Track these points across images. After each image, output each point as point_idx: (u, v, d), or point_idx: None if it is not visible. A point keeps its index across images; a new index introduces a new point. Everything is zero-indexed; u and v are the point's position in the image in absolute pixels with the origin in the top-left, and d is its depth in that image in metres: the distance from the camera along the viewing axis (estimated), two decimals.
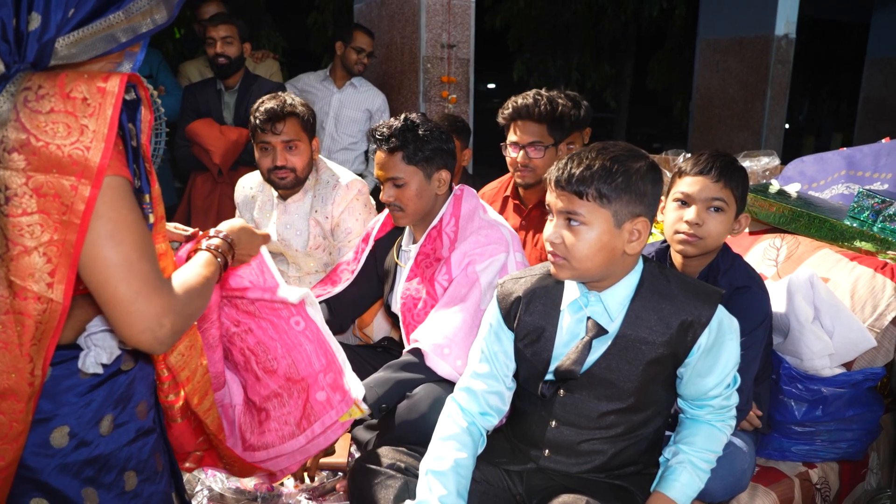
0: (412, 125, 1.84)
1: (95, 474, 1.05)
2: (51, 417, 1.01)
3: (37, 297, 0.91)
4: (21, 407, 0.95)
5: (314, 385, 1.44)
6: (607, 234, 1.26)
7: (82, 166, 0.87)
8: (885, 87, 7.16)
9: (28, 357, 0.93)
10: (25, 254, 0.89)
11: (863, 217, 2.07)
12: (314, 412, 1.44)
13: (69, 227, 0.89)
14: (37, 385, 0.95)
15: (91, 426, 1.04)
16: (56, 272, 0.90)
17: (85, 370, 1.03)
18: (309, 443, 1.44)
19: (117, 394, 1.08)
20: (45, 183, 0.87)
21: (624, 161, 1.26)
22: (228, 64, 3.06)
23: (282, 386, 1.44)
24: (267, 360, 1.44)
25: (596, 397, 1.36)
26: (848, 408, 1.79)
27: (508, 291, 1.43)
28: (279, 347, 1.44)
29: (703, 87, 5.82)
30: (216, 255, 1.19)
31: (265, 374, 1.44)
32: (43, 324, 0.92)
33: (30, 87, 0.88)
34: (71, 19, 0.89)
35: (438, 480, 1.33)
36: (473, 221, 1.89)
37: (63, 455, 1.02)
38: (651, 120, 13.46)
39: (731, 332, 1.35)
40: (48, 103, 0.87)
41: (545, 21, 8.99)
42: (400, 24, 3.88)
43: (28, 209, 0.88)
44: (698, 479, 1.37)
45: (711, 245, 1.62)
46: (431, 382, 1.69)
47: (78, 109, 0.87)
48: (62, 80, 0.88)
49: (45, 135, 0.87)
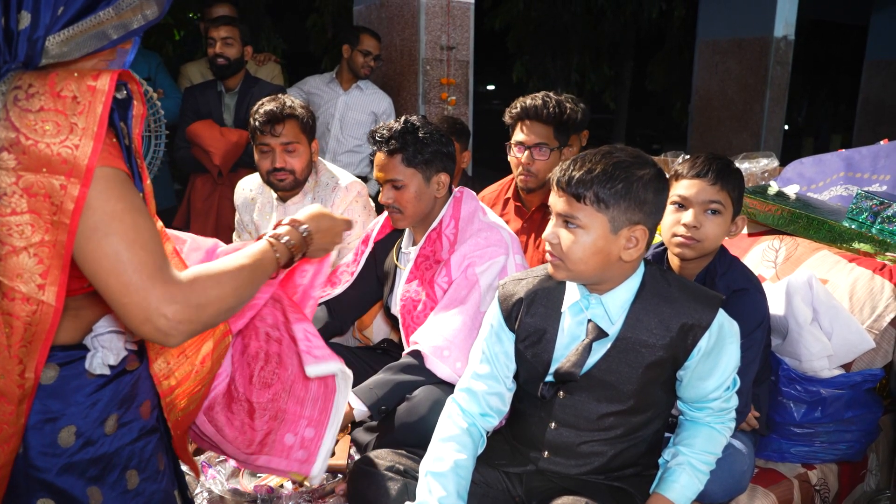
0: (412, 128, 1.85)
1: (99, 473, 1.05)
2: (59, 417, 1.01)
3: (25, 299, 0.90)
4: (11, 409, 0.94)
5: (290, 425, 1.38)
6: (602, 239, 1.26)
7: (71, 165, 0.87)
8: (884, 88, 7.17)
9: (17, 359, 0.92)
10: (14, 254, 0.88)
11: (861, 218, 2.07)
12: (272, 448, 1.37)
13: (60, 227, 0.88)
14: (28, 388, 0.94)
15: (97, 425, 1.04)
16: (48, 274, 0.90)
17: (92, 371, 1.03)
18: (244, 461, 1.40)
19: (122, 394, 1.08)
20: (35, 182, 0.87)
21: (627, 167, 1.25)
22: (227, 65, 3.07)
23: (263, 403, 1.38)
24: (271, 373, 1.39)
25: (595, 399, 1.36)
26: (847, 409, 1.80)
27: (510, 293, 1.44)
28: (289, 372, 1.39)
29: (702, 88, 5.83)
30: (275, 244, 1.14)
31: (259, 384, 1.40)
32: (33, 326, 0.91)
33: (20, 85, 0.87)
34: (61, 17, 0.88)
35: (438, 482, 1.34)
36: (473, 224, 1.90)
37: (70, 454, 1.02)
38: (650, 121, 13.49)
39: (732, 335, 1.35)
40: (38, 101, 0.86)
41: (544, 23, 9.01)
42: (399, 27, 3.88)
43: (18, 209, 0.87)
44: (697, 480, 1.37)
45: (709, 247, 1.62)
46: (431, 384, 1.69)
47: (68, 108, 0.87)
48: (52, 79, 0.87)
49: (34, 133, 0.86)
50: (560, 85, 9.19)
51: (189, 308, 0.94)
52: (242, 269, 1.05)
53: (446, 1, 3.76)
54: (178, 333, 0.93)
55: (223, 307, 1.00)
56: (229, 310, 1.02)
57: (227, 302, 1.01)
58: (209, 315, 0.97)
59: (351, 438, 1.80)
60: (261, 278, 1.10)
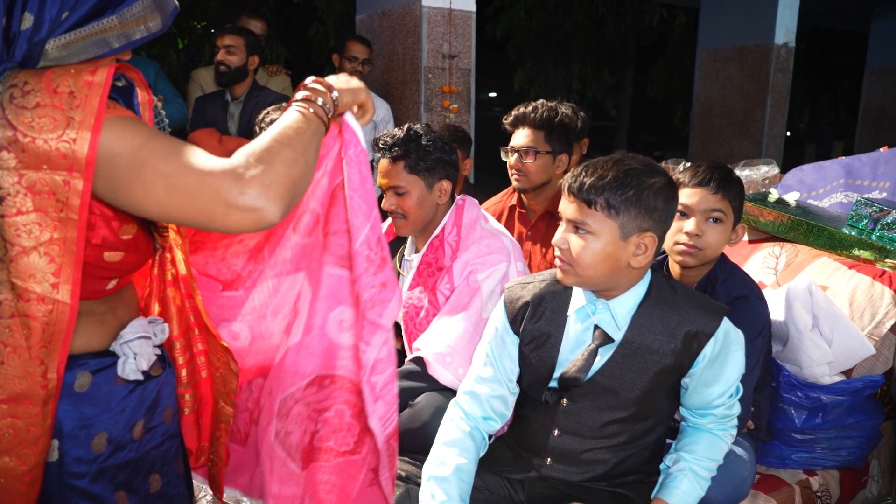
0: (415, 135, 1.87)
1: (127, 478, 1.06)
2: (93, 424, 1.02)
3: (40, 298, 0.89)
4: (37, 411, 0.94)
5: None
6: (612, 245, 1.27)
7: (71, 160, 0.85)
8: (885, 95, 7.18)
9: (38, 360, 0.92)
10: (24, 254, 0.88)
11: (861, 225, 2.08)
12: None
13: (68, 224, 0.87)
14: (51, 388, 0.94)
15: (126, 431, 1.05)
16: (61, 272, 0.89)
17: (125, 377, 1.04)
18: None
19: (149, 399, 1.09)
20: (38, 180, 0.86)
21: (638, 175, 1.26)
22: (228, 72, 3.10)
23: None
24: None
25: (598, 407, 1.36)
26: (848, 415, 1.80)
27: (516, 296, 1.44)
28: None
29: (703, 95, 5.85)
30: (307, 106, 1.04)
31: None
32: (51, 325, 0.91)
33: (16, 83, 0.86)
34: (64, 21, 0.88)
35: (440, 486, 1.34)
36: (475, 231, 1.91)
37: (102, 460, 1.03)
38: (652, 128, 13.50)
39: (737, 343, 1.36)
40: (34, 98, 0.85)
41: (546, 31, 9.04)
42: (401, 35, 3.91)
43: (23, 208, 0.86)
44: (699, 486, 1.37)
45: (710, 256, 1.63)
46: (433, 391, 1.70)
47: (64, 103, 0.85)
48: (48, 76, 0.86)
49: (31, 130, 0.85)
50: (561, 92, 9.22)
51: (263, 172, 0.90)
52: (287, 126, 0.99)
53: (448, 9, 3.78)
54: (268, 200, 0.89)
55: (297, 158, 0.95)
56: (294, 162, 0.95)
57: (299, 151, 0.96)
58: (285, 168, 0.92)
59: None
60: (304, 132, 1.00)
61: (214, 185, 0.88)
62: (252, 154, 0.92)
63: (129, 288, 1.14)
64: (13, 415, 0.93)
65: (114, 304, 1.05)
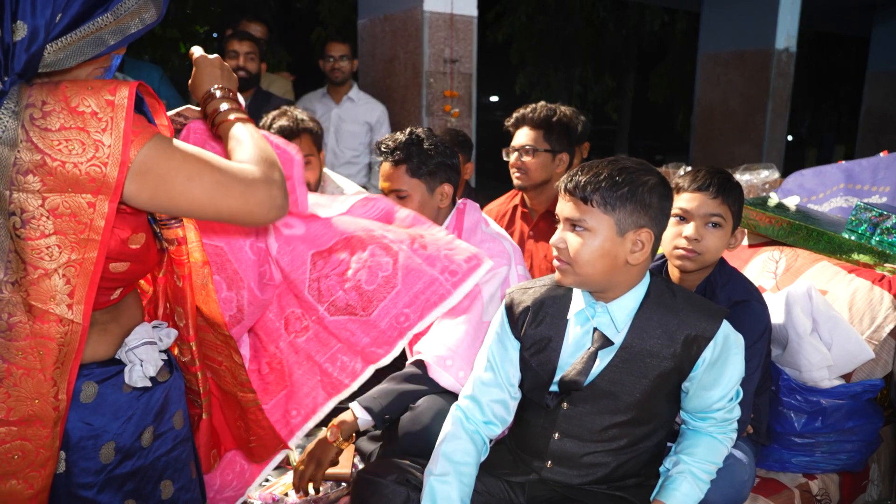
0: (417, 139, 1.88)
1: (136, 486, 1.05)
2: (100, 434, 1.01)
3: (59, 320, 0.89)
4: (47, 433, 0.93)
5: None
6: (609, 241, 1.28)
7: (100, 183, 0.86)
8: (886, 100, 7.20)
9: (51, 381, 0.92)
10: (46, 276, 0.87)
11: (861, 230, 2.09)
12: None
13: (89, 244, 0.87)
14: (62, 409, 0.94)
15: (134, 439, 1.05)
16: (75, 293, 0.89)
17: (133, 385, 1.03)
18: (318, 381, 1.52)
19: (157, 405, 1.08)
20: (60, 203, 0.86)
21: (632, 173, 1.29)
22: (248, 79, 3.13)
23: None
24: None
25: (599, 411, 1.37)
26: (847, 419, 1.80)
27: (517, 301, 1.45)
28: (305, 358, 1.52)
29: (704, 100, 5.86)
30: (227, 112, 1.13)
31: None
32: (65, 346, 0.91)
33: (33, 103, 0.85)
34: (58, 24, 0.86)
35: (441, 489, 1.35)
36: (476, 235, 1.92)
37: (110, 470, 1.02)
38: (653, 132, 13.52)
39: (737, 346, 1.37)
40: (57, 120, 0.84)
41: (547, 35, 9.07)
42: (403, 40, 3.92)
43: (46, 231, 0.86)
44: (698, 489, 1.38)
45: (709, 260, 1.64)
46: (434, 394, 1.70)
47: (89, 124, 0.85)
48: (65, 94, 0.85)
49: (59, 154, 0.84)
50: (563, 96, 9.25)
51: (271, 176, 1.00)
52: (243, 134, 1.08)
53: (449, 14, 3.80)
54: (285, 197, 1.00)
55: (275, 161, 1.05)
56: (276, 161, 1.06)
57: (269, 151, 1.06)
58: (279, 169, 1.04)
59: (355, 448, 1.81)
60: (252, 128, 1.12)
61: (262, 187, 0.96)
62: (263, 161, 1.01)
63: (133, 294, 1.14)
64: (23, 437, 0.92)
65: (118, 313, 1.05)
